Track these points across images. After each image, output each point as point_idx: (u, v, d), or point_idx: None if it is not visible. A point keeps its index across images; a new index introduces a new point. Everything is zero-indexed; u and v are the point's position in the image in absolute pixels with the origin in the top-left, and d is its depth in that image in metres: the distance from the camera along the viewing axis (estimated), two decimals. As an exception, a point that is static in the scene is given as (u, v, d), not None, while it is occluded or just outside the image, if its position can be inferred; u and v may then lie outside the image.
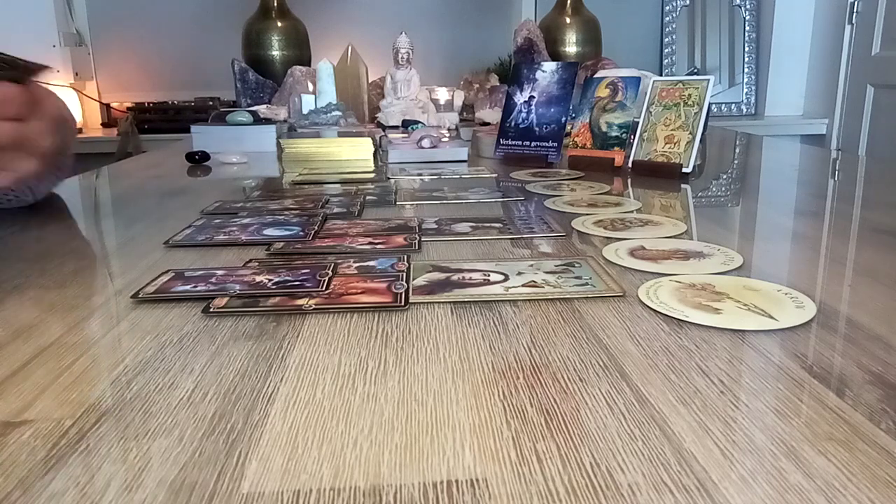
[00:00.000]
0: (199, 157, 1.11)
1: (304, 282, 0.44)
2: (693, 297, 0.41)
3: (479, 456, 0.25)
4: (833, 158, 1.21)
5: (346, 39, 1.67)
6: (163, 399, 0.29)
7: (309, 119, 1.34)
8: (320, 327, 0.37)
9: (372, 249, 0.53)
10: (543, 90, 1.04)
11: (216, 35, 2.28)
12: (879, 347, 0.34)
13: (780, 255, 0.53)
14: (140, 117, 2.14)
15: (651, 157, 0.89)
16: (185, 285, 0.44)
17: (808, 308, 0.39)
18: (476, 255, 0.52)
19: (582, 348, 0.34)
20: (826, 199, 0.75)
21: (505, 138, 1.07)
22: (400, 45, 1.49)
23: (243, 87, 1.82)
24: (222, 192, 0.84)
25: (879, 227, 0.60)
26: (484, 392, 0.30)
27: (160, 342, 0.36)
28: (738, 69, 2.45)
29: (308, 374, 0.32)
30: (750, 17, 2.43)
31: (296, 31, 2.07)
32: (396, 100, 1.51)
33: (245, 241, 0.56)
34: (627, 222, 0.62)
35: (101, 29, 2.35)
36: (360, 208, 0.70)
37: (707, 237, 0.57)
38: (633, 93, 0.95)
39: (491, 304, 0.41)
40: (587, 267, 0.48)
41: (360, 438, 0.26)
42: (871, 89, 2.12)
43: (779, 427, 0.26)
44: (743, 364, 0.32)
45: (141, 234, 0.61)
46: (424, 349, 0.34)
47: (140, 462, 0.25)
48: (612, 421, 0.27)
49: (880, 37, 2.08)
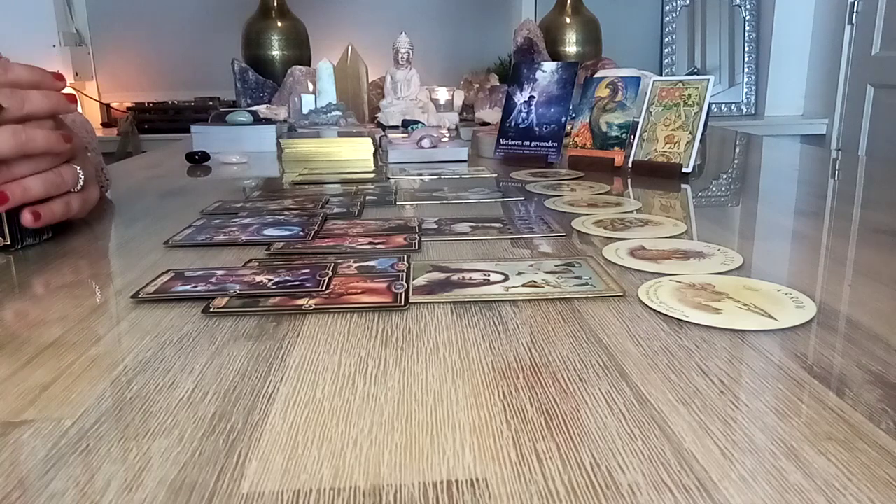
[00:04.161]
0: (199, 157, 1.11)
1: (304, 282, 0.44)
2: (693, 297, 0.41)
3: (479, 456, 0.25)
4: (833, 158, 1.21)
5: (346, 39, 1.67)
6: (163, 399, 0.29)
7: (309, 119, 1.34)
8: (320, 327, 0.37)
9: (372, 249, 0.53)
10: (543, 90, 1.04)
11: (216, 35, 2.29)
12: (879, 347, 0.34)
13: (780, 255, 0.53)
14: (140, 117, 2.14)
15: (651, 157, 0.89)
16: (185, 285, 0.44)
17: (808, 308, 0.39)
18: (476, 255, 0.52)
19: (582, 348, 0.34)
20: (826, 199, 0.75)
21: (505, 138, 1.07)
22: (400, 45, 1.49)
23: (243, 87, 1.82)
24: (222, 192, 0.84)
25: (879, 227, 0.60)
26: (484, 392, 0.30)
27: (160, 342, 0.36)
28: (738, 69, 2.45)
29: (308, 374, 0.32)
30: (750, 17, 2.43)
31: (296, 31, 2.07)
32: (396, 100, 1.51)
33: (245, 241, 0.56)
34: (627, 222, 0.62)
35: (101, 29, 2.35)
36: (360, 208, 0.70)
37: (707, 237, 0.57)
38: (633, 93, 0.95)
39: (491, 304, 0.41)
40: (587, 267, 0.48)
41: (360, 438, 0.26)
42: (871, 89, 2.12)
43: (779, 427, 0.26)
44: (743, 364, 0.32)
45: (141, 234, 0.61)
46: (424, 349, 0.34)
47: (140, 462, 0.25)
48: (612, 421, 0.27)
49: (880, 37, 2.08)
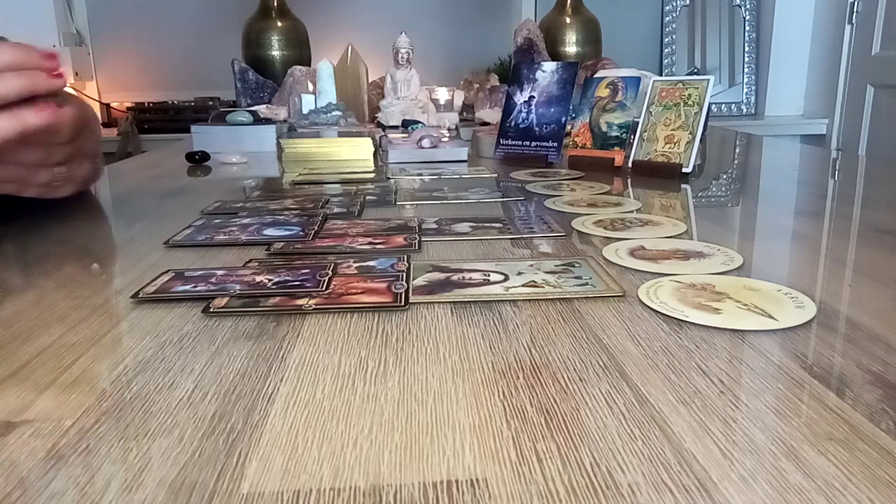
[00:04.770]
0: (199, 157, 1.11)
1: (304, 282, 0.44)
2: (693, 297, 0.41)
3: (479, 456, 0.25)
4: (833, 158, 1.21)
5: (346, 39, 1.67)
6: (163, 399, 0.29)
7: (309, 119, 1.34)
8: (320, 327, 0.37)
9: (372, 249, 0.53)
10: (543, 90, 1.04)
11: (216, 35, 2.29)
12: (879, 347, 0.34)
13: (780, 255, 0.53)
14: (140, 117, 2.14)
15: (651, 157, 0.89)
16: (185, 285, 0.44)
17: (808, 308, 0.39)
18: (476, 255, 0.52)
19: (582, 348, 0.34)
20: (826, 199, 0.75)
21: (505, 138, 1.07)
22: (400, 45, 1.49)
23: (243, 87, 1.82)
24: (222, 192, 0.84)
25: (879, 227, 0.60)
26: (484, 392, 0.30)
27: (160, 342, 0.36)
28: (738, 69, 2.45)
29: (308, 374, 0.32)
30: (750, 17, 2.43)
31: (296, 31, 2.07)
32: (396, 100, 1.51)
33: (245, 241, 0.56)
34: (627, 222, 0.62)
35: (101, 29, 2.35)
36: (360, 208, 0.70)
37: (707, 237, 0.57)
38: (633, 93, 0.95)
39: (491, 304, 0.41)
40: (587, 267, 0.48)
41: (360, 438, 0.26)
42: (871, 89, 2.12)
43: (779, 427, 0.26)
44: (743, 364, 0.32)
45: (141, 234, 0.61)
46: (424, 349, 0.34)
47: (140, 462, 0.25)
48: (612, 421, 0.27)
49: (880, 37, 2.08)
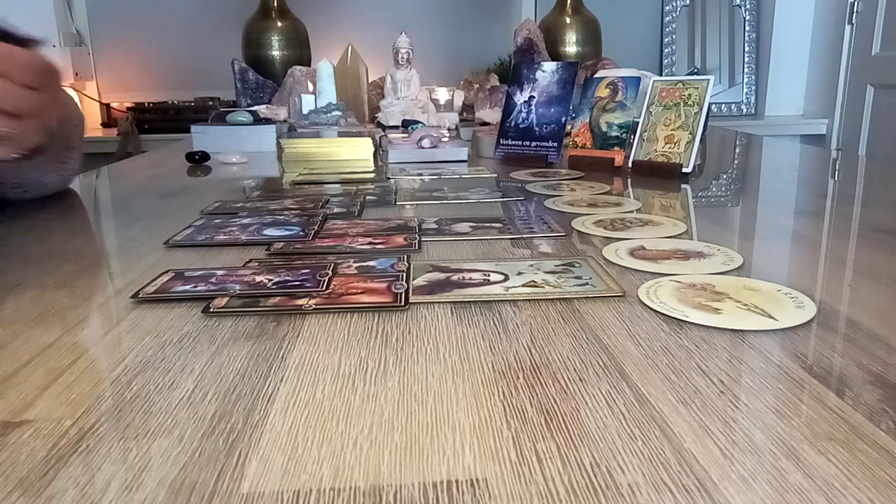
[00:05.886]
0: (199, 157, 1.11)
1: (304, 282, 0.44)
2: (693, 297, 0.41)
3: (479, 456, 0.25)
4: (833, 158, 1.21)
5: (346, 39, 1.67)
6: (163, 399, 0.29)
7: (309, 119, 1.34)
8: (320, 327, 0.37)
9: (372, 249, 0.53)
10: (543, 90, 1.04)
11: (216, 35, 2.28)
12: (879, 347, 0.34)
13: (780, 255, 0.53)
14: (140, 117, 2.13)
15: (651, 157, 0.89)
16: (185, 285, 0.44)
17: (808, 308, 0.39)
18: (476, 255, 0.52)
19: (582, 348, 0.34)
20: (826, 199, 0.75)
21: (505, 138, 1.07)
22: (400, 45, 1.49)
23: (243, 87, 1.82)
24: (222, 192, 0.84)
25: (879, 227, 0.60)
26: (484, 392, 0.30)
27: (160, 342, 0.36)
28: (738, 69, 2.45)
29: (308, 374, 0.32)
30: (750, 17, 2.43)
31: (296, 31, 2.07)
32: (396, 100, 1.51)
33: (245, 241, 0.56)
34: (627, 222, 0.62)
35: (101, 29, 2.35)
36: (360, 208, 0.70)
37: (707, 237, 0.57)
38: (633, 93, 0.95)
39: (491, 304, 0.41)
40: (587, 267, 0.48)
41: (360, 438, 0.26)
42: (871, 89, 2.12)
43: (779, 427, 0.26)
44: (743, 364, 0.32)
45: (141, 234, 0.61)
46: (424, 349, 0.34)
47: (140, 462, 0.25)
48: (612, 421, 0.27)
49: (880, 37, 2.08)
